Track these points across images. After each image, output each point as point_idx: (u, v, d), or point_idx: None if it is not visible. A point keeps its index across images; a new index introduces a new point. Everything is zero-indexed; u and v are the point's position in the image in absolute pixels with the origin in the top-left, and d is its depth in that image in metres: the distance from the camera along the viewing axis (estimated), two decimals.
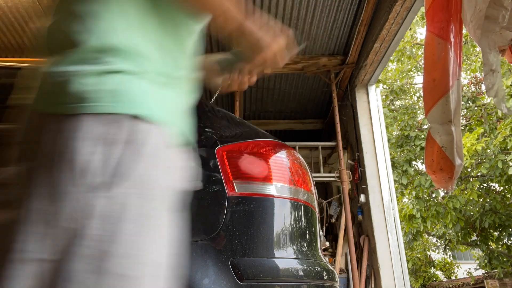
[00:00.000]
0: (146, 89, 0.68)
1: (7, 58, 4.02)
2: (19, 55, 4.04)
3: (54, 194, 0.59)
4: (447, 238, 10.19)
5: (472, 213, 8.15)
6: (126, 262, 0.59)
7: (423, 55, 2.20)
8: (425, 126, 8.10)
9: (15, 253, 0.57)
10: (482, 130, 7.32)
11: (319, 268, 1.14)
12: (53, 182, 0.59)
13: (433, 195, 8.30)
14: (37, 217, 0.58)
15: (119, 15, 0.69)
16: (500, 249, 8.77)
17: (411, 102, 9.91)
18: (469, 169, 7.83)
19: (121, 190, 0.60)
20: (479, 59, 7.66)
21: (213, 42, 3.85)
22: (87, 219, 0.58)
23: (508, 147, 6.72)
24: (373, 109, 4.25)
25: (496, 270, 9.34)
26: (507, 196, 7.96)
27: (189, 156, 0.84)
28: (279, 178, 1.13)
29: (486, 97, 7.59)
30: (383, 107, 7.14)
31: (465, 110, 7.97)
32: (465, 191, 7.81)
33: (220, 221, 1.03)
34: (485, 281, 11.71)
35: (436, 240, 12.22)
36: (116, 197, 0.60)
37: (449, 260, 14.47)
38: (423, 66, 2.07)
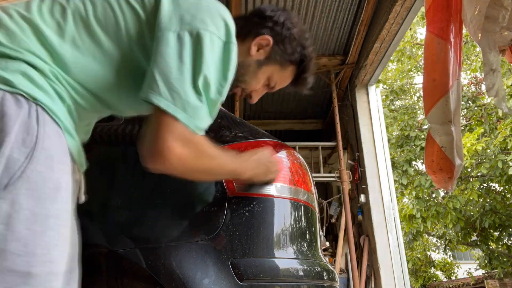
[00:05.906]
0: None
1: None
2: None
3: None
4: (447, 238, 10.18)
5: (472, 213, 8.14)
6: (23, 260, 0.59)
7: (423, 55, 2.20)
8: (425, 126, 8.10)
9: None
10: (482, 130, 7.31)
11: (319, 268, 1.14)
12: None
13: (433, 195, 8.29)
14: None
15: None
16: (500, 249, 8.76)
17: (411, 102, 9.91)
18: (469, 169, 7.82)
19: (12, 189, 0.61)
20: (479, 59, 7.66)
21: None
22: None
23: (508, 147, 6.72)
24: (373, 109, 4.25)
25: (496, 270, 9.33)
26: (507, 196, 7.95)
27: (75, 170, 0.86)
28: (279, 178, 1.13)
29: (486, 97, 7.59)
30: (383, 107, 7.13)
31: (465, 110, 7.96)
32: (465, 191, 7.80)
33: (220, 221, 1.03)
34: (485, 281, 11.70)
35: (436, 240, 12.20)
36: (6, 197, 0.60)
37: (449, 260, 14.45)
38: (423, 66, 2.07)
